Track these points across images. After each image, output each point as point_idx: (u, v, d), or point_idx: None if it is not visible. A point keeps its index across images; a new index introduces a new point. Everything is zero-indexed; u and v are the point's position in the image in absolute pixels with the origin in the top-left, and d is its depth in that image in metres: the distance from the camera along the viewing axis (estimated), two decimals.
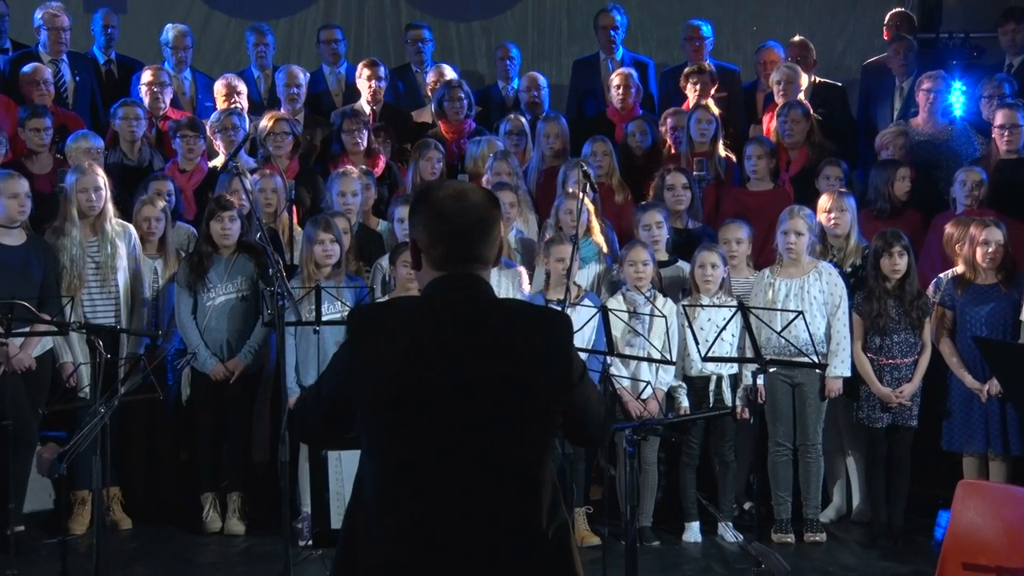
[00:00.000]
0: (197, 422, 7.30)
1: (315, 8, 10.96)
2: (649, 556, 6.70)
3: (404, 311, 3.07)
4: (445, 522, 2.92)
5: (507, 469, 2.95)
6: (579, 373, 3.07)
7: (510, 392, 2.94)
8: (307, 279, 6.96)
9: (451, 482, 2.93)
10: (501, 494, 2.94)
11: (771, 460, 7.03)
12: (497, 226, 3.08)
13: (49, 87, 8.46)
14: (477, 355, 2.94)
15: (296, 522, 6.88)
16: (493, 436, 2.94)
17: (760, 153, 8.04)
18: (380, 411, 2.97)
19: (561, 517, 3.04)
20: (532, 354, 2.97)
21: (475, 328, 2.97)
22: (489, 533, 2.93)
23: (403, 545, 2.94)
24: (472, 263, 3.03)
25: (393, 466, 2.97)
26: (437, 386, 2.92)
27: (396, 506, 2.95)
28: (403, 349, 2.95)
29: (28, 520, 6.97)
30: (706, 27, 9.55)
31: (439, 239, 3.02)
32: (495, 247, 3.08)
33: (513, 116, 8.84)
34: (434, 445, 2.93)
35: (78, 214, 7.11)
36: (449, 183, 3.11)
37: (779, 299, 6.98)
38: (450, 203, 3.01)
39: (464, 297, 3.01)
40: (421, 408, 2.92)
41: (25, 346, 6.83)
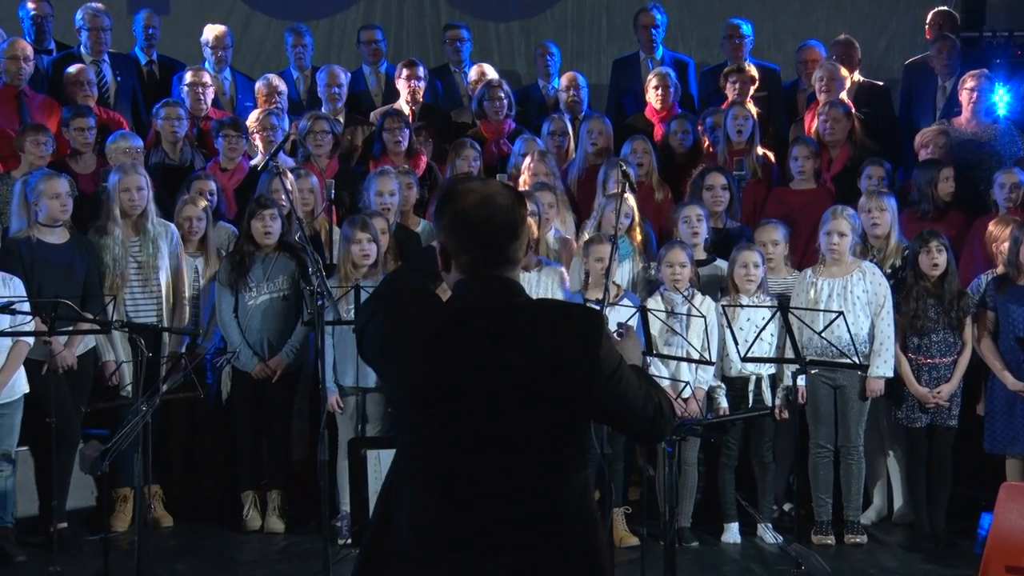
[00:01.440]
0: (237, 421, 7.34)
1: (355, 9, 10.99)
2: (688, 557, 6.68)
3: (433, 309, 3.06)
4: (469, 511, 2.93)
5: (532, 468, 2.94)
6: (611, 369, 2.99)
7: (534, 391, 2.92)
8: (345, 279, 6.98)
9: (477, 480, 2.93)
10: (524, 486, 2.94)
11: (812, 461, 6.99)
12: (524, 226, 3.05)
13: (92, 88, 8.53)
14: (502, 356, 2.93)
15: (335, 520, 6.90)
16: (516, 430, 2.93)
17: (806, 154, 8.00)
18: (405, 404, 3.00)
19: (589, 511, 3.02)
20: (557, 352, 2.93)
21: (502, 329, 2.96)
22: (514, 530, 2.93)
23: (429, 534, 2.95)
24: (499, 266, 3.02)
25: (420, 456, 2.99)
26: (462, 381, 2.92)
27: (423, 495, 2.97)
28: (429, 345, 2.96)
29: (71, 517, 7.01)
30: (746, 26, 9.51)
31: (466, 247, 3.01)
32: (523, 247, 3.06)
33: (556, 116, 8.84)
34: (457, 438, 2.94)
35: (121, 213, 7.16)
36: (473, 185, 3.06)
37: (822, 299, 6.94)
38: (476, 211, 2.99)
39: (491, 297, 3.00)
40: (445, 402, 2.93)
41: (68, 345, 6.89)
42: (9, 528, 6.72)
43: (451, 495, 2.94)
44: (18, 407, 6.73)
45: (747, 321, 6.89)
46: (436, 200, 3.14)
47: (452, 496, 2.94)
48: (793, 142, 8.27)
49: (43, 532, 6.79)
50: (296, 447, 7.41)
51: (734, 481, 7.08)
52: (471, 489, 2.94)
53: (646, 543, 6.28)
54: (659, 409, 3.09)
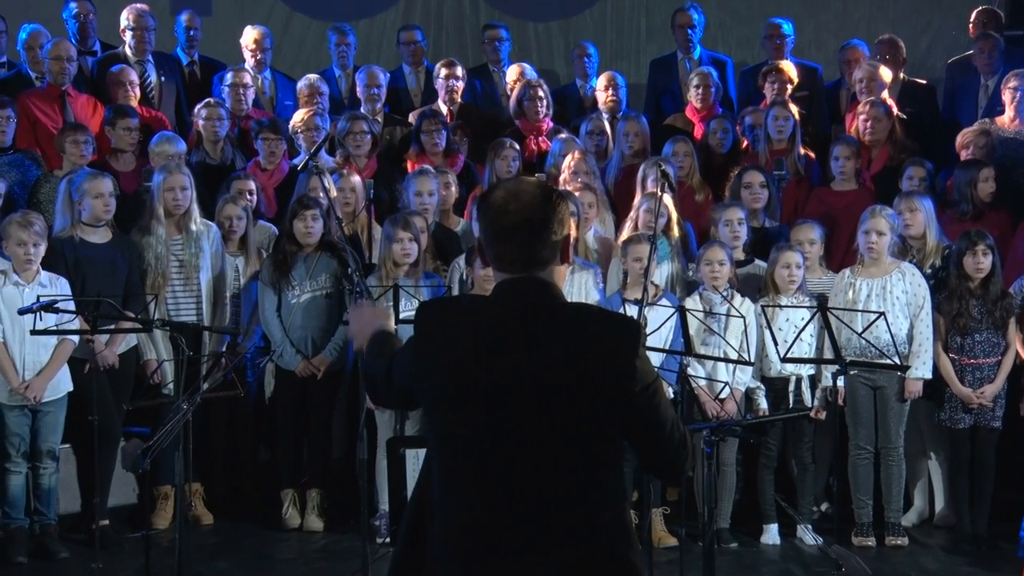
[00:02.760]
0: (279, 419, 7.38)
1: (394, 9, 11.02)
2: (727, 558, 6.66)
3: (469, 310, 3.08)
4: (502, 515, 2.93)
5: (563, 466, 2.93)
6: (646, 382, 2.96)
7: (567, 395, 2.90)
8: (385, 277, 7.00)
9: (508, 477, 2.93)
10: (558, 490, 2.93)
11: (851, 463, 6.95)
12: (551, 224, 2.98)
13: (134, 88, 8.59)
14: (534, 357, 2.91)
15: (374, 519, 6.92)
16: (550, 435, 2.92)
17: (848, 154, 7.95)
18: (438, 406, 3.00)
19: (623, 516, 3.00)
20: (594, 358, 2.91)
21: (536, 331, 2.94)
22: (545, 526, 2.92)
23: (462, 536, 2.95)
24: (524, 266, 2.98)
25: (453, 459, 2.99)
26: (496, 384, 2.92)
27: (456, 497, 2.97)
28: (463, 346, 2.96)
29: (112, 514, 7.07)
30: (787, 25, 9.47)
31: (488, 241, 3.02)
32: (550, 246, 2.99)
33: (594, 116, 8.84)
34: (491, 441, 2.93)
35: (164, 213, 7.21)
36: (508, 183, 3.05)
37: (860, 299, 6.90)
38: (499, 204, 2.98)
39: (528, 300, 2.98)
40: (479, 405, 2.93)
41: (110, 343, 6.95)
42: (52, 525, 6.79)
43: (484, 499, 2.94)
44: (62, 405, 6.80)
45: (786, 321, 6.86)
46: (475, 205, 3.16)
47: (485, 500, 2.94)
48: (834, 142, 8.23)
49: (85, 529, 6.85)
50: (336, 446, 7.44)
51: (773, 482, 7.05)
52: (503, 493, 2.93)
53: (685, 544, 6.26)
54: (684, 440, 3.04)
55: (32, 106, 8.38)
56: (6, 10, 9.38)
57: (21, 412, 6.68)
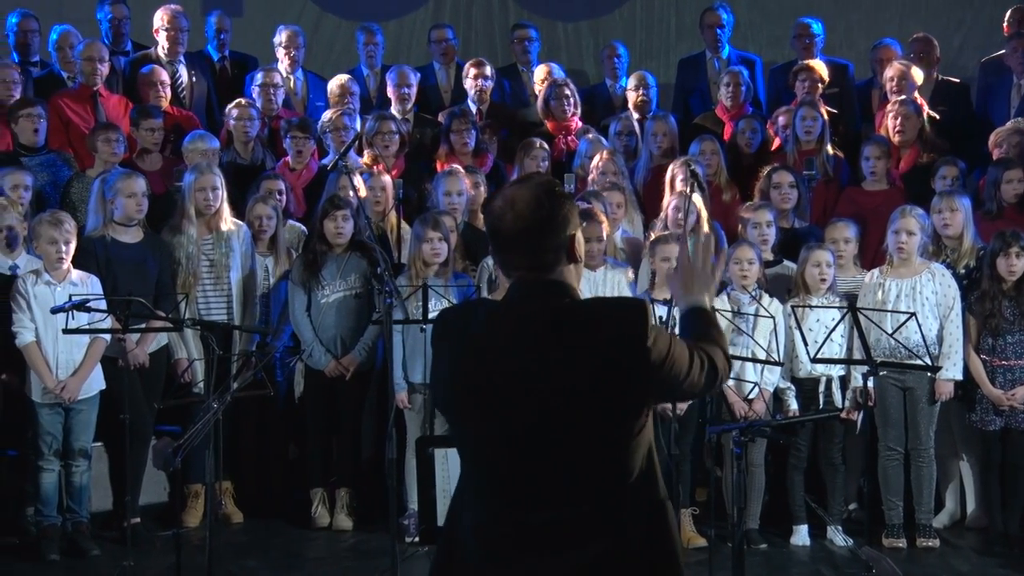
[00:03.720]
0: (308, 418, 7.40)
1: (424, 9, 11.04)
2: (756, 559, 6.64)
3: (482, 313, 3.08)
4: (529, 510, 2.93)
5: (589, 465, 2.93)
6: (661, 358, 2.94)
7: (586, 391, 2.91)
8: (414, 277, 7.02)
9: (531, 472, 2.93)
10: (583, 480, 2.92)
11: (882, 464, 6.91)
12: (548, 229, 2.96)
13: (165, 88, 8.63)
14: (550, 356, 2.92)
15: (403, 518, 6.93)
16: (569, 435, 2.92)
17: (878, 153, 7.92)
18: (456, 411, 3.01)
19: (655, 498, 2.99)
20: (605, 349, 2.91)
21: (549, 330, 2.94)
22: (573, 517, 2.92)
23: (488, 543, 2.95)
24: (527, 271, 2.99)
25: (474, 465, 3.00)
26: (509, 387, 2.92)
27: (480, 502, 2.98)
28: (476, 350, 2.97)
29: (144, 512, 7.12)
30: (816, 25, 9.43)
31: (492, 249, 3.07)
32: (549, 251, 2.98)
33: (623, 116, 8.83)
34: (511, 439, 2.93)
35: (195, 213, 7.25)
36: (508, 188, 3.04)
37: (890, 300, 6.87)
38: (497, 213, 3.00)
39: (539, 300, 2.99)
40: (494, 409, 2.94)
41: (141, 342, 6.99)
42: (84, 522, 6.84)
43: (510, 499, 2.94)
44: (94, 403, 6.84)
45: (816, 322, 6.83)
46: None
47: (511, 500, 2.94)
48: (864, 142, 8.19)
49: (117, 527, 6.89)
50: (365, 445, 7.46)
51: (803, 483, 7.03)
52: (530, 492, 2.93)
53: (714, 544, 6.24)
54: (713, 368, 3.07)
55: (64, 106, 8.44)
56: (40, 11, 9.45)
57: (54, 410, 6.73)
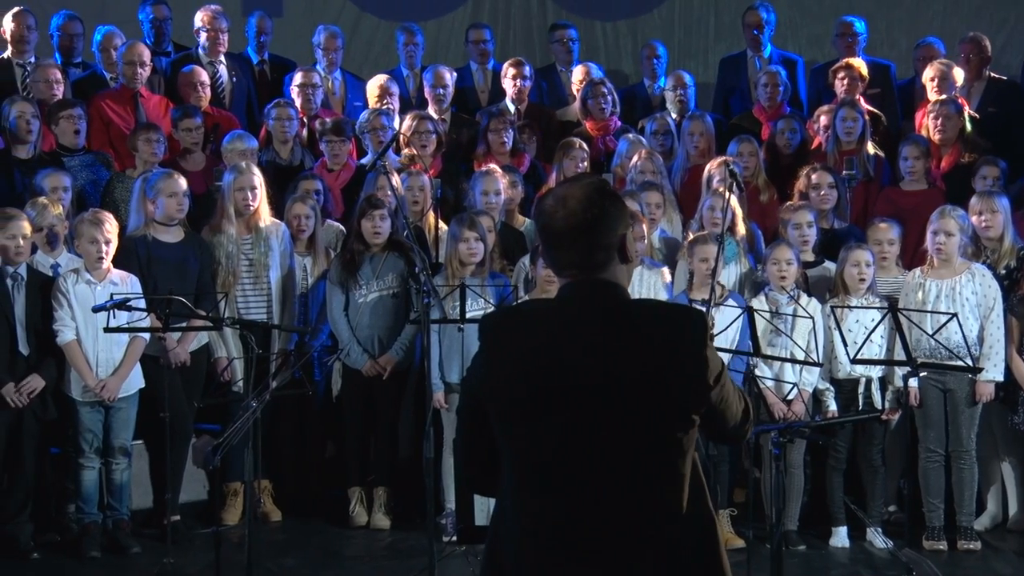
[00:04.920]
0: (347, 418, 7.41)
1: (463, 9, 11.05)
2: (795, 560, 6.60)
3: (534, 314, 3.08)
4: (581, 525, 2.91)
5: (642, 471, 2.92)
6: (716, 373, 2.97)
7: (643, 394, 2.90)
8: (451, 277, 7.03)
9: (585, 485, 2.91)
10: (636, 496, 2.91)
11: (922, 466, 6.86)
12: (600, 228, 2.95)
13: (206, 89, 8.68)
14: (608, 357, 2.91)
15: (440, 518, 6.94)
16: (626, 439, 2.91)
17: (917, 153, 7.86)
18: (513, 414, 2.97)
19: (706, 518, 2.98)
20: (663, 354, 2.91)
21: (605, 330, 2.94)
22: (626, 535, 2.91)
23: (542, 548, 2.93)
24: (579, 269, 2.98)
25: (527, 469, 2.96)
26: (568, 389, 2.90)
27: (532, 509, 2.95)
28: (533, 352, 2.95)
29: (183, 510, 7.16)
30: (859, 23, 9.37)
31: (543, 248, 3.05)
32: (602, 249, 2.97)
33: (659, 115, 8.81)
34: (566, 448, 2.91)
35: (234, 212, 7.29)
36: (559, 188, 3.04)
37: (930, 300, 6.82)
38: (548, 211, 2.99)
39: (593, 300, 2.98)
40: (553, 411, 2.91)
41: (182, 341, 7.03)
42: (125, 520, 6.89)
43: (562, 504, 2.92)
44: (134, 402, 6.89)
45: (856, 322, 6.79)
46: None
47: (563, 506, 2.92)
48: (903, 141, 8.13)
49: (157, 524, 6.93)
50: (402, 444, 7.48)
51: (842, 484, 6.98)
52: (582, 497, 2.91)
53: (752, 546, 6.21)
54: (747, 412, 3.10)
55: (105, 107, 8.51)
56: (83, 12, 9.54)
57: (94, 408, 6.78)
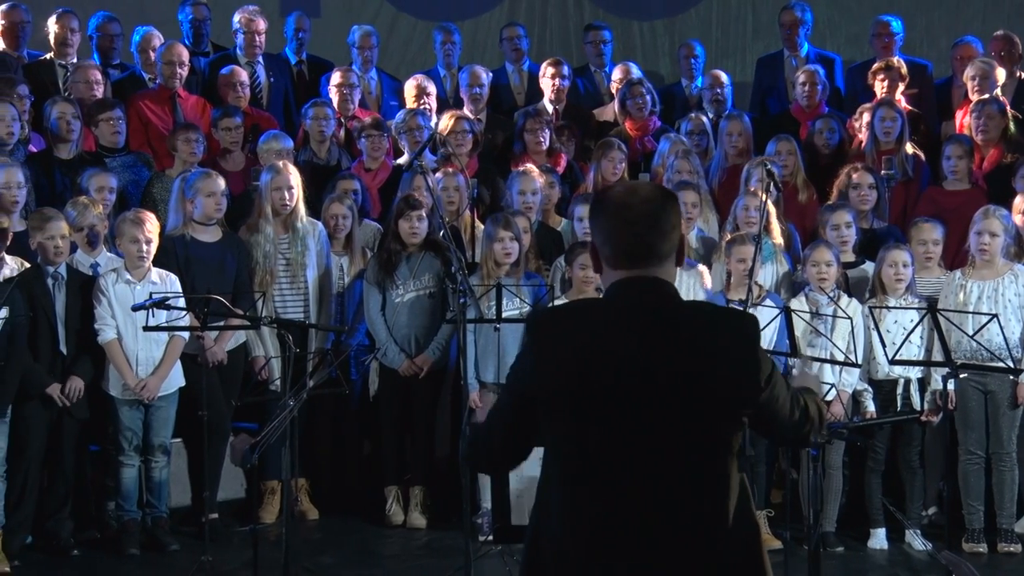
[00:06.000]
0: (382, 417, 7.43)
1: (499, 9, 11.06)
2: (833, 562, 6.57)
3: (584, 312, 3.08)
4: (628, 522, 2.91)
5: (690, 471, 2.92)
6: (767, 375, 3.00)
7: (693, 393, 2.91)
8: (487, 276, 7.03)
9: (633, 483, 2.91)
10: (684, 495, 2.92)
11: (962, 468, 6.80)
12: (669, 219, 3.00)
13: (244, 89, 8.73)
14: (659, 355, 2.91)
15: (476, 517, 6.94)
16: (676, 438, 2.91)
17: (960, 153, 7.80)
18: (562, 411, 2.96)
19: (750, 520, 3.00)
20: (716, 355, 2.93)
21: (657, 328, 2.94)
22: (673, 534, 2.91)
23: (587, 545, 2.93)
24: (647, 260, 2.98)
25: (575, 467, 2.96)
26: (617, 386, 2.91)
27: (579, 506, 2.95)
28: (584, 349, 2.94)
29: (221, 508, 7.20)
30: (896, 23, 9.32)
31: (613, 238, 3.01)
32: (669, 241, 3.00)
33: (694, 115, 8.78)
34: (616, 446, 2.92)
35: (272, 212, 7.32)
36: (618, 184, 3.16)
37: (971, 301, 6.76)
38: (619, 198, 3.01)
39: (645, 298, 2.98)
40: (603, 408, 2.91)
41: (219, 340, 7.06)
42: (163, 517, 6.93)
43: (610, 501, 2.93)
44: (174, 400, 6.93)
45: (894, 323, 6.74)
46: (590, 203, 3.16)
47: (611, 502, 2.92)
48: (946, 141, 8.07)
49: (195, 522, 6.96)
50: (439, 443, 7.49)
51: (881, 486, 6.94)
52: (630, 494, 2.92)
53: (789, 547, 6.19)
54: (804, 413, 3.10)
55: (144, 107, 8.57)
56: (122, 13, 9.61)
57: (134, 407, 6.83)
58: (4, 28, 8.86)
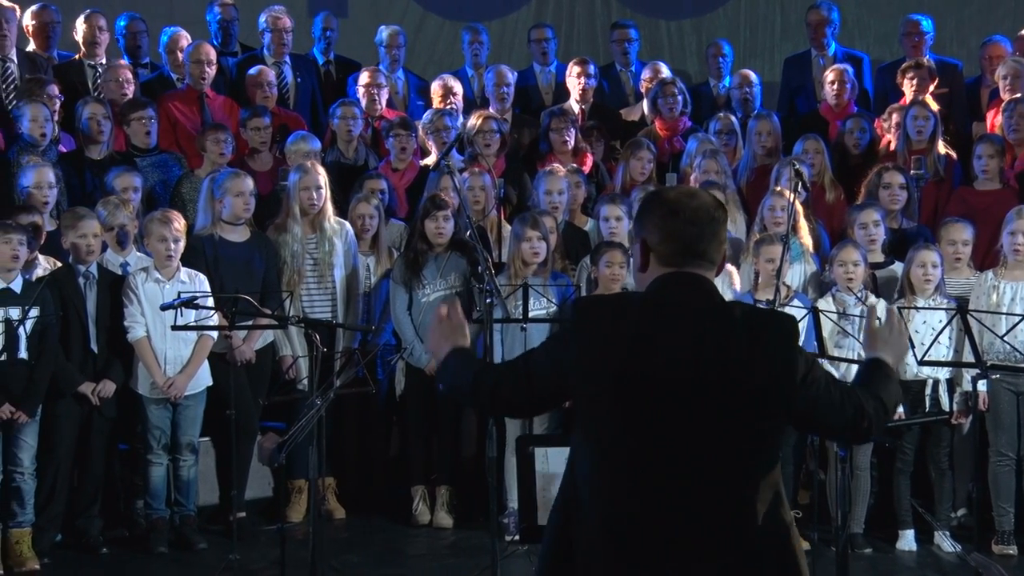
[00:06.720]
0: (409, 416, 7.45)
1: (527, 9, 11.06)
2: (861, 563, 6.54)
3: (630, 304, 3.11)
4: (660, 514, 2.93)
5: (724, 467, 2.94)
6: (805, 372, 3.02)
7: (730, 390, 2.93)
8: (514, 276, 7.03)
9: (667, 475, 2.93)
10: (717, 490, 2.93)
11: (992, 470, 6.76)
12: (724, 228, 3.11)
13: (272, 89, 8.75)
14: (699, 351, 2.95)
15: (503, 517, 6.94)
16: (711, 433, 2.93)
17: (991, 152, 7.75)
18: (600, 401, 2.99)
19: (783, 518, 3.00)
20: (754, 354, 2.96)
21: (698, 325, 2.98)
22: (704, 528, 2.92)
23: (618, 535, 2.94)
24: (699, 260, 3.06)
25: (609, 456, 2.99)
26: (658, 379, 2.94)
27: (611, 496, 2.97)
28: (627, 340, 2.97)
29: (249, 507, 7.22)
30: (926, 22, 9.26)
31: (672, 235, 3.05)
32: (721, 248, 3.11)
33: (723, 115, 8.75)
34: (651, 438, 2.94)
35: (299, 212, 7.34)
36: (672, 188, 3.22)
37: (1004, 302, 6.72)
38: (684, 200, 3.07)
39: (689, 294, 3.03)
40: (641, 400, 2.94)
41: (247, 339, 7.09)
42: (191, 516, 6.96)
43: (641, 493, 2.94)
44: (202, 399, 6.96)
45: (923, 324, 6.71)
46: (642, 201, 3.18)
47: (642, 494, 2.94)
48: (977, 140, 8.02)
49: (223, 521, 6.99)
50: (465, 443, 7.49)
51: (909, 487, 6.90)
52: (662, 487, 2.94)
53: (817, 548, 6.16)
54: (860, 411, 3.08)
55: (172, 107, 8.60)
56: (151, 13, 9.66)
57: (162, 405, 6.86)
58: (35, 28, 8.91)
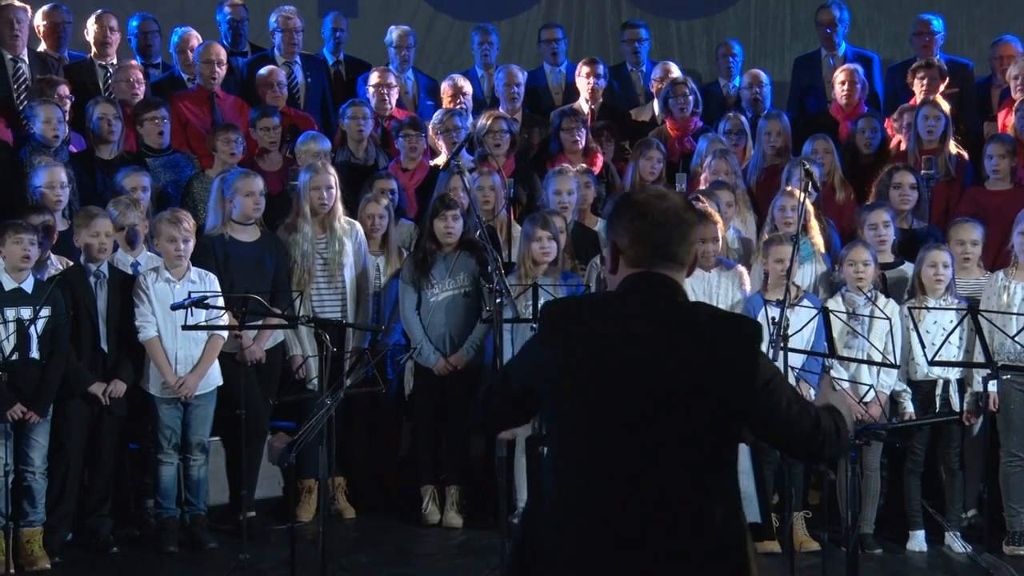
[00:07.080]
0: (418, 416, 7.45)
1: (536, 9, 11.06)
2: (871, 564, 6.53)
3: (594, 304, 3.18)
4: (611, 510, 2.95)
5: (677, 468, 2.95)
6: (766, 379, 3.01)
7: (686, 391, 2.95)
8: (524, 276, 7.03)
9: (621, 472, 2.96)
10: (669, 491, 2.95)
11: (1003, 470, 6.75)
12: (694, 230, 3.11)
13: (282, 88, 8.76)
14: (660, 351, 2.97)
15: (512, 516, 6.93)
16: (665, 433, 2.95)
17: (1002, 152, 7.74)
18: (560, 396, 3.03)
19: (737, 526, 3.01)
20: (713, 356, 2.97)
21: (659, 325, 3.01)
22: (656, 530, 2.94)
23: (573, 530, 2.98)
24: (668, 262, 3.06)
25: (567, 453, 3.02)
26: (616, 379, 2.96)
27: (568, 491, 3.01)
28: (589, 339, 3.00)
29: (259, 507, 7.22)
30: (937, 21, 9.25)
31: (641, 237, 3.06)
32: (691, 251, 3.11)
33: (732, 115, 8.75)
34: (607, 438, 2.97)
35: (310, 212, 7.34)
36: (643, 191, 3.22)
37: (1015, 302, 6.70)
38: (653, 202, 3.08)
39: (654, 294, 3.05)
40: (599, 400, 2.97)
41: (257, 339, 7.10)
42: (201, 515, 6.97)
43: (599, 488, 2.97)
44: (212, 399, 6.97)
45: (933, 324, 6.69)
46: (612, 204, 3.20)
47: (600, 489, 2.97)
48: (988, 140, 8.01)
49: (233, 520, 6.99)
50: (474, 443, 7.49)
51: (920, 487, 6.89)
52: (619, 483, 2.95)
53: (827, 548, 6.16)
54: (816, 427, 3.06)
55: (182, 107, 8.62)
56: (161, 13, 9.68)
57: (173, 405, 6.87)
58: (45, 29, 8.92)
